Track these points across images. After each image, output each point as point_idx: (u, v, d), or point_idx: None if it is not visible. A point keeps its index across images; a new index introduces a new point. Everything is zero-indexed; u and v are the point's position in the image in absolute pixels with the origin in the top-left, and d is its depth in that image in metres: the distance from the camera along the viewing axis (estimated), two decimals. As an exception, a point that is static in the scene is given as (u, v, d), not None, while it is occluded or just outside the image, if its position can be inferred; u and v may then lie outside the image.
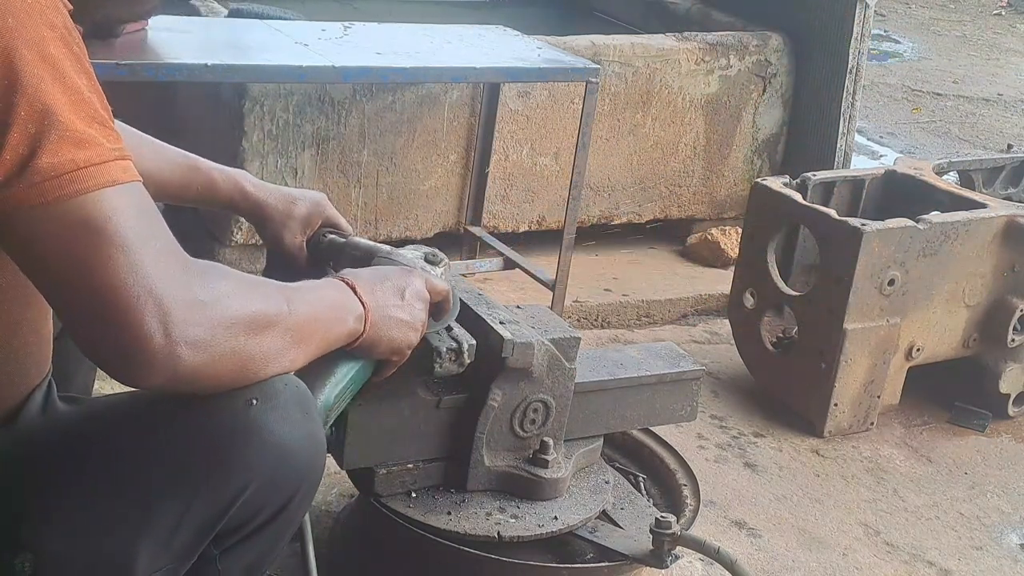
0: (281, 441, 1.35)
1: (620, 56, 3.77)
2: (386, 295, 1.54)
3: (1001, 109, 7.00)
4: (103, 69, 2.53)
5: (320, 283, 1.48)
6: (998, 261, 3.16)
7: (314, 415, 1.43)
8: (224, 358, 1.24)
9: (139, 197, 1.21)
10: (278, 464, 1.35)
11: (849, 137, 4.03)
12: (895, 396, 3.17)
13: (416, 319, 1.59)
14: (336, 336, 1.45)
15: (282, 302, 1.33)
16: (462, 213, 3.66)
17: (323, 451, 1.46)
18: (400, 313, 1.55)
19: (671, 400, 2.21)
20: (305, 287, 1.44)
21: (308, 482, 1.43)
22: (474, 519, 1.95)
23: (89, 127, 1.17)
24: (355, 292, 1.48)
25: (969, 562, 2.62)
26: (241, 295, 1.27)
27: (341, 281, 1.50)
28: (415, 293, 1.60)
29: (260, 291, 1.32)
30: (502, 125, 3.60)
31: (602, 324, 3.60)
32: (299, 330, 1.35)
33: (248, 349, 1.27)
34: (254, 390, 1.33)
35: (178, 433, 1.31)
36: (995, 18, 10.01)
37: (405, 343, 1.58)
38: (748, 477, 2.84)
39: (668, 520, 1.94)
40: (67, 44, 1.18)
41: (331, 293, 1.47)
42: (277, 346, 1.31)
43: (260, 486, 1.35)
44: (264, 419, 1.33)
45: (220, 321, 1.23)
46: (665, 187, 4.03)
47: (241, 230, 3.33)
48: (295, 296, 1.37)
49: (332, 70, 2.86)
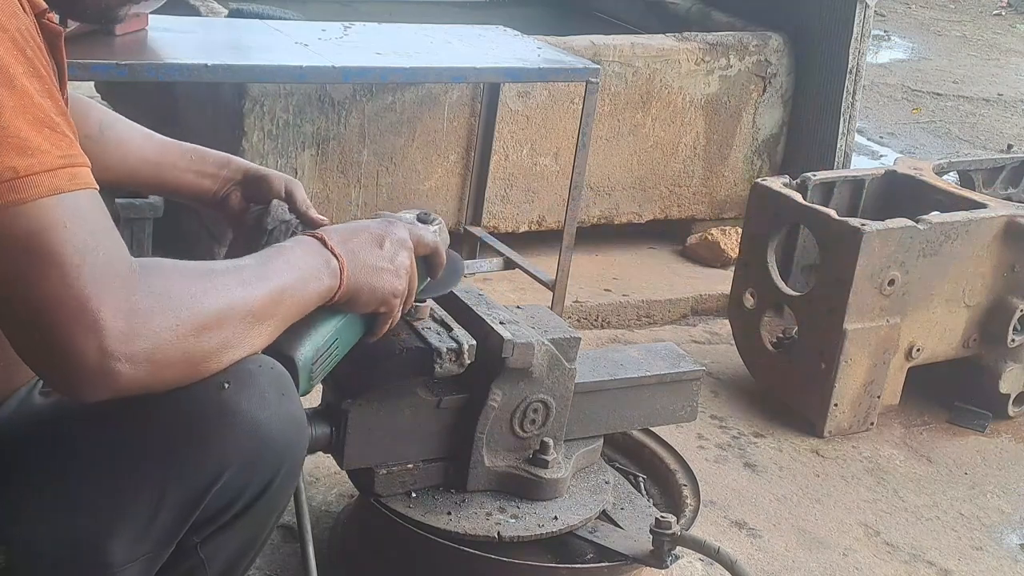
0: (256, 424, 1.32)
1: (620, 56, 3.77)
2: (362, 244, 1.50)
3: (1001, 109, 7.00)
4: (103, 69, 2.56)
5: (285, 245, 1.45)
6: (998, 261, 3.16)
7: (292, 395, 1.40)
8: (172, 364, 1.22)
9: (84, 206, 1.17)
10: (254, 447, 1.33)
11: (849, 137, 4.03)
12: (895, 396, 3.17)
13: (399, 266, 1.54)
14: (311, 298, 1.42)
15: (236, 287, 1.30)
16: (462, 213, 3.66)
17: (303, 433, 1.43)
18: (378, 261, 1.51)
19: (671, 400, 2.21)
20: (268, 255, 1.40)
21: (288, 464, 1.40)
22: (474, 519, 1.95)
23: (36, 133, 1.14)
24: (326, 245, 1.45)
25: (969, 562, 2.62)
26: (188, 294, 1.23)
27: (311, 237, 1.46)
28: (397, 241, 1.55)
29: (211, 283, 1.27)
30: (502, 125, 3.60)
31: (602, 324, 3.60)
32: (260, 310, 1.32)
33: (199, 348, 1.24)
34: (227, 373, 1.30)
35: (149, 420, 1.29)
36: (995, 18, 10.02)
37: (389, 290, 1.54)
38: (748, 477, 2.84)
39: (668, 520, 1.94)
40: (18, 46, 1.15)
41: (298, 254, 1.42)
42: (233, 335, 1.28)
43: (237, 470, 1.33)
44: (237, 402, 1.30)
45: (164, 328, 1.19)
46: (665, 187, 4.03)
47: (241, 230, 3.33)
48: (254, 272, 1.34)
49: (332, 70, 2.87)
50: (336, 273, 1.44)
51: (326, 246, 1.45)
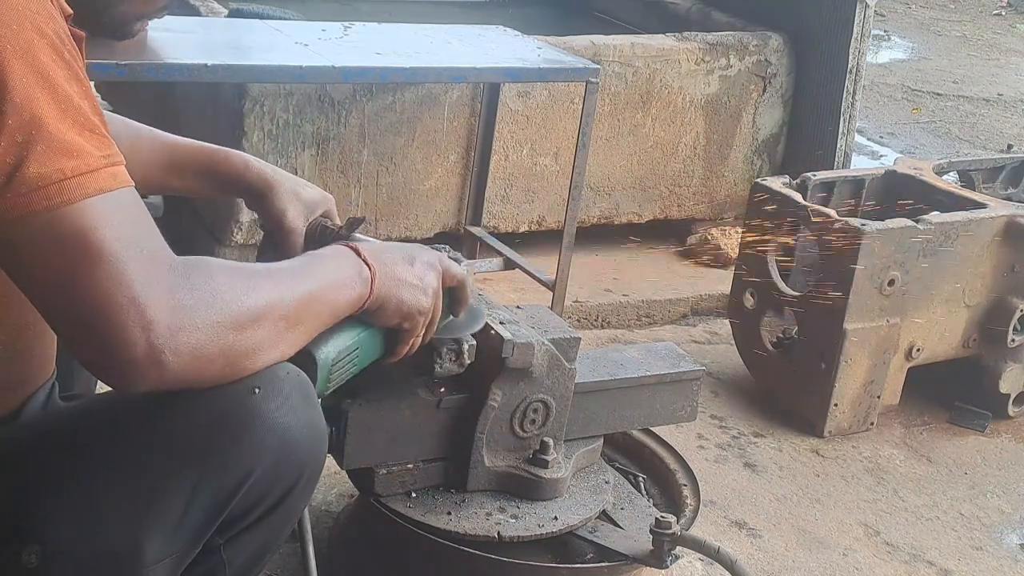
0: (284, 429, 1.35)
1: (620, 56, 3.77)
2: (393, 259, 1.53)
3: (1001, 109, 7.00)
4: (103, 69, 2.55)
5: (321, 252, 1.48)
6: (998, 261, 3.16)
7: (315, 403, 1.43)
8: (212, 359, 1.25)
9: (127, 203, 1.21)
10: (280, 452, 1.36)
11: (849, 137, 4.03)
12: (895, 396, 3.17)
13: (427, 285, 1.57)
14: (342, 305, 1.44)
15: (274, 289, 1.33)
16: (462, 213, 3.65)
17: (324, 440, 1.46)
18: (408, 276, 1.54)
19: (671, 400, 2.21)
20: (304, 261, 1.44)
21: (310, 470, 1.43)
22: (474, 519, 1.95)
23: (79, 135, 1.17)
24: (359, 255, 1.48)
25: (969, 562, 2.62)
26: (229, 292, 1.26)
27: (345, 247, 1.49)
28: (426, 262, 1.58)
29: (251, 283, 1.31)
30: (502, 125, 3.60)
31: (602, 324, 3.60)
32: (295, 313, 1.35)
33: (238, 346, 1.27)
34: (257, 379, 1.33)
35: (181, 422, 1.31)
36: (995, 18, 10.01)
37: (415, 306, 1.56)
38: (748, 477, 2.84)
39: (668, 520, 1.94)
40: (57, 51, 1.18)
41: (334, 261, 1.46)
42: (269, 337, 1.31)
43: (263, 474, 1.35)
44: (267, 407, 1.33)
45: (206, 324, 1.23)
46: (665, 187, 4.03)
47: (241, 230, 3.33)
48: (291, 276, 1.37)
49: (332, 70, 2.86)
50: (367, 281, 1.47)
51: (359, 255, 1.48)
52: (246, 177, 1.81)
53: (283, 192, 1.80)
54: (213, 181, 1.83)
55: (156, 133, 1.82)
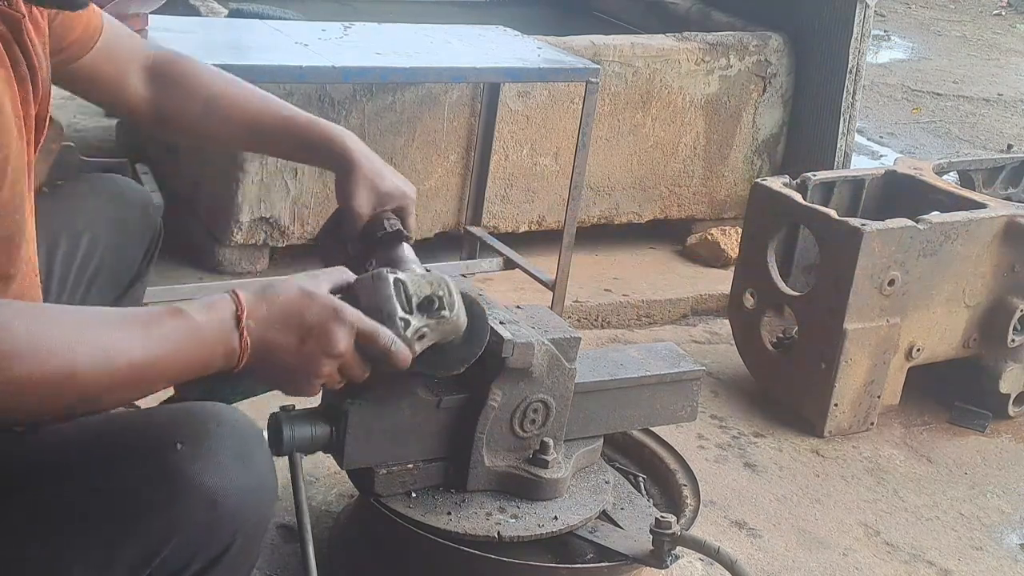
0: (208, 490, 1.27)
1: (620, 56, 3.77)
2: (280, 336, 1.39)
3: (1001, 109, 7.00)
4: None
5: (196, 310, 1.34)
6: (998, 261, 3.16)
7: (255, 456, 1.33)
8: (9, 412, 1.21)
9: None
10: (205, 514, 1.28)
11: (849, 137, 4.03)
12: (895, 396, 3.17)
13: (310, 370, 1.42)
14: (186, 376, 1.35)
15: (78, 360, 1.23)
16: (462, 213, 3.66)
17: (265, 496, 1.36)
18: (288, 358, 1.40)
19: (671, 400, 2.21)
20: (159, 322, 1.31)
21: (245, 533, 1.34)
22: (474, 519, 1.95)
23: None
24: (239, 324, 1.35)
25: (969, 562, 2.62)
26: (10, 357, 1.19)
27: (230, 304, 1.36)
28: (321, 346, 1.41)
29: (49, 348, 1.21)
30: (502, 125, 3.60)
31: (602, 324, 3.60)
32: (100, 387, 1.26)
33: (12, 407, 1.21)
34: (182, 430, 1.28)
35: (98, 480, 1.27)
36: (995, 18, 10.02)
37: (292, 389, 1.46)
38: (748, 477, 2.84)
39: (668, 520, 1.94)
40: None
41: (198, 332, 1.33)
42: (54, 405, 1.24)
43: (187, 536, 1.29)
44: (188, 466, 1.27)
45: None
46: (665, 187, 4.03)
47: (241, 230, 3.33)
48: (123, 341, 1.27)
49: (332, 70, 2.86)
50: (232, 357, 1.36)
51: (238, 324, 1.35)
52: (331, 153, 1.82)
53: (359, 176, 1.81)
54: (300, 153, 1.87)
55: (239, 98, 1.84)
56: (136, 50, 1.84)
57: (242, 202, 3.30)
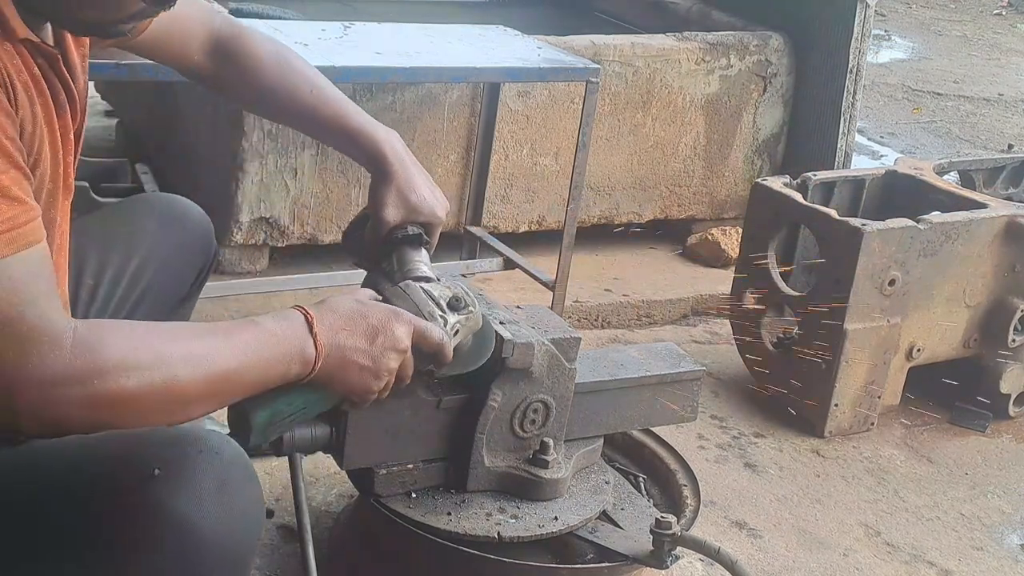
0: (181, 518, 1.25)
1: (620, 56, 3.76)
2: (351, 338, 1.47)
3: (1002, 109, 7.00)
4: (103, 69, 2.55)
5: (271, 322, 1.40)
6: (999, 261, 3.16)
7: (238, 484, 1.31)
8: (79, 427, 1.23)
9: (18, 272, 1.19)
10: (179, 547, 1.25)
11: (849, 137, 4.03)
12: (895, 396, 3.17)
13: (381, 368, 1.50)
14: (268, 381, 1.38)
15: (178, 364, 1.26)
16: (462, 213, 3.65)
17: (249, 526, 1.33)
18: (361, 358, 1.48)
19: (671, 400, 2.21)
20: (240, 332, 1.37)
21: (222, 568, 1.30)
22: (474, 519, 1.94)
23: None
24: (311, 330, 1.42)
25: (970, 563, 2.62)
26: (116, 366, 1.22)
27: (301, 316, 1.43)
28: (389, 341, 1.50)
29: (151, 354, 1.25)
30: (502, 125, 3.59)
31: (602, 324, 3.60)
32: (193, 392, 1.29)
33: (111, 418, 1.23)
34: (161, 456, 1.27)
35: (67, 500, 1.27)
36: (996, 18, 10.01)
37: (362, 388, 1.51)
38: (748, 477, 2.84)
39: (668, 520, 1.94)
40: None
41: (275, 340, 1.38)
42: (153, 410, 1.26)
43: (159, 569, 1.25)
44: (164, 494, 1.24)
45: (76, 398, 1.20)
46: (665, 187, 4.02)
47: (241, 230, 3.33)
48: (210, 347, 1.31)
49: (332, 70, 2.85)
50: (310, 362, 1.42)
51: (311, 330, 1.42)
52: (370, 157, 1.87)
53: (391, 186, 1.84)
54: (347, 151, 1.92)
55: (291, 93, 1.88)
56: (201, 22, 1.85)
57: (242, 202, 3.30)
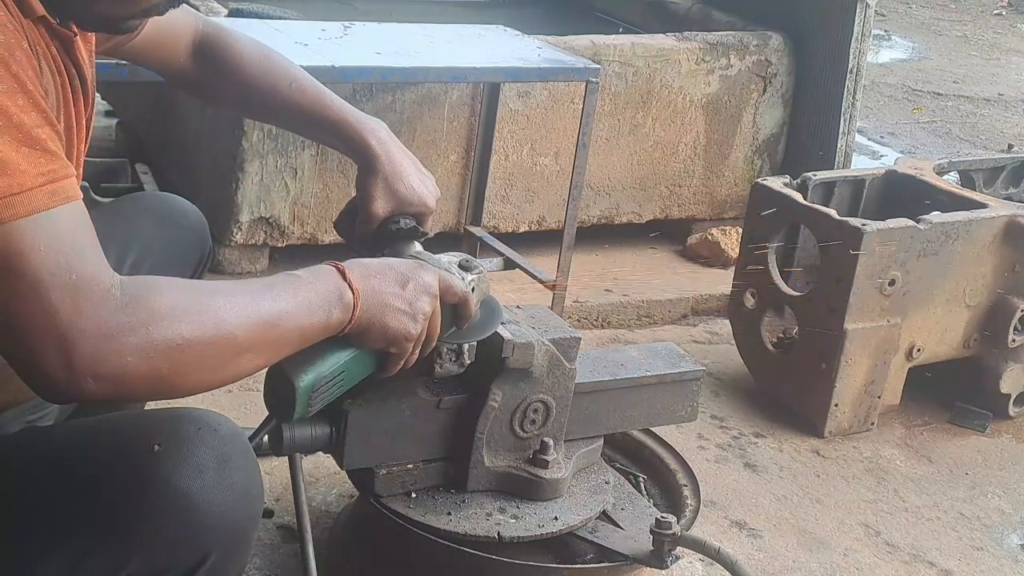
0: (181, 492, 1.25)
1: (620, 56, 3.76)
2: (384, 282, 1.48)
3: (1002, 109, 7.00)
4: (103, 68, 2.54)
5: (305, 273, 1.42)
6: (999, 261, 3.16)
7: (237, 461, 1.32)
8: (138, 381, 1.21)
9: (62, 224, 1.18)
10: (181, 521, 1.26)
11: (849, 137, 4.03)
12: (896, 396, 3.17)
13: (417, 311, 1.52)
14: (314, 330, 1.39)
15: (226, 312, 1.27)
16: (462, 213, 3.65)
17: (249, 505, 1.34)
18: (397, 301, 1.49)
19: (671, 400, 2.21)
20: (278, 280, 1.38)
21: (224, 546, 1.31)
22: (474, 519, 1.94)
23: (14, 152, 1.14)
24: (344, 277, 1.43)
25: (970, 563, 2.62)
26: (168, 317, 1.22)
27: (332, 267, 1.45)
28: (421, 285, 1.53)
29: (199, 306, 1.25)
30: (502, 125, 3.59)
31: (602, 324, 3.60)
32: (247, 339, 1.29)
33: (169, 370, 1.22)
34: (161, 432, 1.27)
35: (73, 482, 1.27)
36: (996, 18, 10.01)
37: (402, 332, 1.51)
38: (748, 477, 2.84)
39: (668, 520, 1.94)
40: (2, 63, 1.16)
41: (312, 284, 1.40)
42: (209, 361, 1.26)
43: (161, 544, 1.26)
44: (165, 469, 1.25)
45: (134, 349, 1.19)
46: (665, 187, 4.02)
47: (241, 230, 3.33)
48: (253, 297, 1.32)
49: (332, 70, 2.86)
50: (349, 307, 1.43)
51: (344, 278, 1.43)
52: (355, 149, 1.86)
53: (379, 178, 1.83)
54: (332, 143, 1.91)
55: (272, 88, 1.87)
56: (186, 25, 1.87)
57: (242, 202, 3.30)
